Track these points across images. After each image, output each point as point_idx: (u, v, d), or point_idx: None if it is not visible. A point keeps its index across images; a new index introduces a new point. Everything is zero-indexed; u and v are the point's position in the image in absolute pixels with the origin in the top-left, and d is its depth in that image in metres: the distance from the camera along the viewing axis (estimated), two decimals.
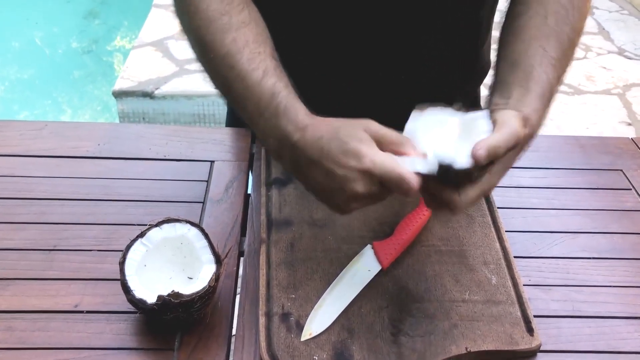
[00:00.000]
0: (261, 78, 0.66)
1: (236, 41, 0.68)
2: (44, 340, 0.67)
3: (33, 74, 3.74)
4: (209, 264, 0.70)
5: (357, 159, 0.60)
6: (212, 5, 0.70)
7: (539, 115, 0.69)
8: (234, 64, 0.68)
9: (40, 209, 0.84)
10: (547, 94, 0.71)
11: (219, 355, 0.67)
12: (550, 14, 0.75)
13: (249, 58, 0.67)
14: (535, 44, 0.73)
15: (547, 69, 0.71)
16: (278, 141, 0.65)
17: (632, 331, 0.72)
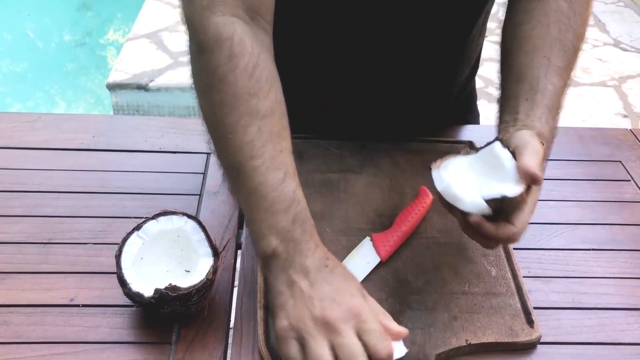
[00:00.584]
0: (282, 181, 0.62)
1: (261, 132, 0.63)
2: (39, 334, 0.66)
3: (25, 67, 3.71)
4: (206, 256, 0.69)
5: (352, 297, 0.58)
6: (240, 81, 0.63)
7: (550, 126, 0.69)
8: (255, 157, 0.62)
9: (35, 201, 0.83)
10: (555, 104, 0.71)
11: (217, 348, 0.66)
12: (552, 22, 0.74)
13: (271, 155, 0.63)
14: (540, 55, 0.73)
15: (552, 79, 0.71)
16: (283, 244, 0.61)
17: (632, 322, 0.72)
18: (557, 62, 0.72)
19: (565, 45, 0.74)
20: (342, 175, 0.87)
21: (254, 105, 0.63)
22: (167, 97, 2.64)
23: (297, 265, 0.60)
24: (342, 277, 0.61)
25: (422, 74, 0.90)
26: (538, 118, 0.69)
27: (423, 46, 0.86)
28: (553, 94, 0.71)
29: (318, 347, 0.56)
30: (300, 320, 0.57)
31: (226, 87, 0.63)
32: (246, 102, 0.63)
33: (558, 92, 0.71)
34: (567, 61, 0.74)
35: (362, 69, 0.87)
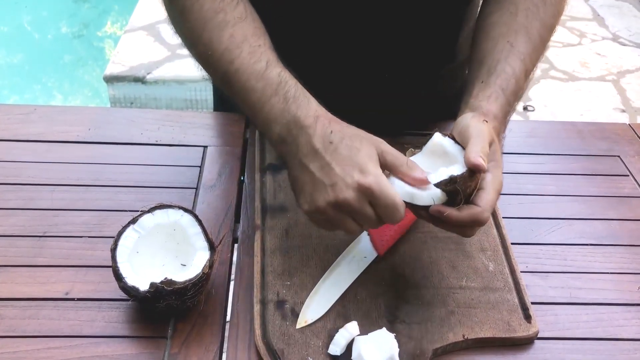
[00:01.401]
0: (265, 69, 0.66)
1: (234, 36, 0.68)
2: (34, 328, 0.66)
3: (22, 59, 3.69)
4: (202, 250, 0.69)
5: (361, 173, 0.59)
6: (205, 4, 0.69)
7: (500, 104, 0.68)
8: (233, 59, 0.67)
9: (29, 194, 0.82)
10: (511, 86, 0.70)
11: (213, 342, 0.66)
12: (521, 10, 0.75)
13: (249, 52, 0.67)
14: (503, 40, 0.73)
15: (513, 62, 0.71)
16: (284, 126, 0.64)
17: (629, 318, 0.72)
18: (520, 48, 0.72)
19: (531, 33, 0.74)
20: None
21: (222, 19, 0.68)
22: (164, 89, 2.63)
23: (304, 147, 0.62)
24: (348, 151, 0.61)
25: (414, 65, 0.90)
26: (487, 97, 0.68)
27: (414, 37, 0.86)
28: (510, 76, 0.70)
29: (342, 224, 0.62)
30: (319, 206, 0.61)
31: (194, 14, 0.69)
32: (214, 19, 0.68)
33: (517, 75, 0.71)
34: (532, 48, 0.73)
35: (355, 62, 0.87)
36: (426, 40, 0.87)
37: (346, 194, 0.59)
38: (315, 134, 0.62)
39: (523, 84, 0.72)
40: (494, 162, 0.65)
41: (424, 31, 0.86)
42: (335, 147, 0.61)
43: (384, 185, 0.59)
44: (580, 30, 3.31)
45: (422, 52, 0.88)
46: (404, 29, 0.84)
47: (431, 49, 0.89)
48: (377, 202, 0.59)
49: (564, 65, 3.01)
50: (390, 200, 0.59)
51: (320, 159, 0.61)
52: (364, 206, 0.60)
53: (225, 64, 0.68)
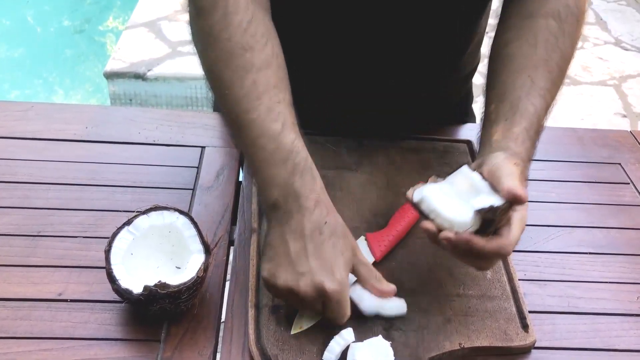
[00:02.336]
0: (280, 131, 0.63)
1: (256, 84, 0.64)
2: (26, 329, 0.65)
3: (23, 53, 3.67)
4: (197, 253, 0.68)
5: (330, 278, 0.61)
6: (234, 37, 0.65)
7: (526, 147, 0.68)
8: (251, 109, 0.64)
9: (24, 193, 0.82)
10: (535, 126, 0.70)
11: (207, 347, 0.65)
12: (540, 42, 0.73)
13: (268, 107, 0.64)
14: (524, 75, 0.72)
15: (534, 100, 0.70)
16: (283, 196, 0.63)
17: (627, 328, 0.71)
18: (540, 83, 0.71)
19: (551, 66, 0.73)
20: (338, 172, 0.86)
21: (248, 59, 0.64)
22: (165, 87, 2.62)
23: (294, 223, 0.62)
24: (331, 250, 0.62)
25: (421, 74, 0.89)
26: (514, 139, 0.68)
27: (423, 47, 0.86)
28: (533, 115, 0.70)
29: (288, 301, 0.65)
30: (277, 283, 0.62)
31: (221, 44, 0.65)
32: (240, 57, 0.64)
33: (539, 113, 0.70)
34: (552, 82, 0.72)
35: (361, 68, 0.86)
36: (434, 50, 0.86)
37: (307, 289, 0.61)
38: (309, 219, 0.61)
39: (544, 121, 0.72)
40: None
41: (433, 41, 0.85)
42: (322, 240, 0.62)
43: (343, 298, 0.61)
44: (582, 34, 3.30)
45: (429, 61, 0.88)
46: (413, 38, 0.84)
47: (438, 59, 0.88)
48: (330, 306, 0.62)
49: None
50: (342, 311, 0.62)
51: (302, 244, 0.61)
52: (315, 303, 0.62)
53: (241, 111, 0.64)
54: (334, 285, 0.60)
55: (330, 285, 0.60)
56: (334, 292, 0.60)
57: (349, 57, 0.85)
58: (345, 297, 0.62)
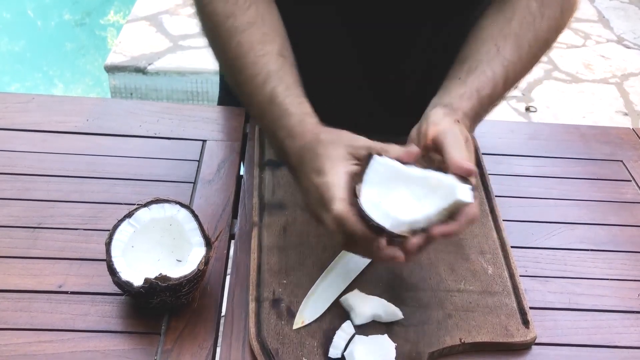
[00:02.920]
0: (262, 83, 0.67)
1: (241, 45, 0.69)
2: (26, 320, 0.65)
3: (24, 46, 3.67)
4: (198, 246, 0.68)
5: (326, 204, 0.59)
6: (217, 8, 0.70)
7: (471, 104, 0.67)
8: (240, 68, 0.69)
9: (25, 185, 0.82)
10: (488, 91, 0.69)
11: (207, 340, 0.65)
12: (516, 17, 0.73)
13: (253, 62, 0.68)
14: (491, 43, 0.71)
15: (495, 67, 0.70)
16: (276, 144, 0.68)
17: (627, 325, 0.71)
18: (505, 54, 0.71)
19: (521, 42, 0.72)
20: None
21: (230, 25, 0.69)
22: (166, 81, 2.61)
23: (289, 168, 0.67)
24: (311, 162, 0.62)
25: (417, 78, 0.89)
26: (459, 95, 0.67)
27: (420, 52, 0.85)
28: (489, 80, 0.69)
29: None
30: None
31: (208, 17, 0.71)
32: (224, 24, 0.70)
33: (496, 80, 0.69)
34: (518, 57, 0.71)
35: (357, 72, 0.86)
36: (434, 48, 0.86)
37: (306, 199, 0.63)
38: (291, 157, 0.65)
39: (501, 90, 0.71)
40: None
41: (432, 40, 0.85)
42: (305, 172, 0.62)
43: (347, 220, 0.58)
44: (584, 31, 3.29)
45: (428, 58, 0.87)
46: (414, 35, 0.83)
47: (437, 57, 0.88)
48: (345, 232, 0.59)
49: (567, 67, 3.00)
50: (328, 195, 0.59)
51: (297, 178, 0.65)
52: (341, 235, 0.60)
53: (235, 71, 0.70)
54: (318, 180, 0.60)
55: (316, 179, 0.60)
56: (320, 185, 0.59)
57: (351, 52, 0.84)
58: (329, 188, 0.58)
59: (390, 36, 0.83)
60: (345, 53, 0.85)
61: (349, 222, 0.57)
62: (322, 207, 0.60)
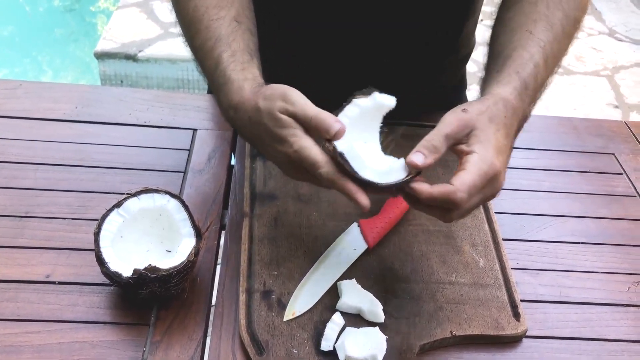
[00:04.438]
0: (211, 48, 0.67)
1: (197, 8, 0.69)
2: (12, 311, 0.64)
3: (12, 31, 3.61)
4: (188, 237, 0.67)
5: (285, 145, 0.60)
6: None
7: (514, 88, 0.64)
8: (195, 33, 0.69)
9: (12, 172, 0.80)
10: (530, 70, 0.66)
11: (197, 331, 0.64)
12: (541, 1, 0.71)
13: (206, 26, 0.68)
14: (522, 30, 0.69)
15: (531, 49, 0.67)
16: (225, 115, 0.67)
17: (617, 318, 0.71)
18: (539, 35, 0.68)
19: (552, 22, 0.70)
20: None
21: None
22: (156, 68, 2.59)
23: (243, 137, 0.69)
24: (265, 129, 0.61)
25: (415, 54, 0.88)
26: (496, 82, 0.65)
27: (417, 25, 0.84)
28: (527, 60, 0.66)
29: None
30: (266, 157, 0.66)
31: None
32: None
33: (536, 60, 0.66)
34: (553, 37, 0.69)
35: (354, 46, 0.85)
36: (429, 30, 0.85)
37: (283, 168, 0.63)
38: (242, 127, 0.64)
39: (544, 70, 0.67)
40: (479, 144, 0.59)
41: (427, 20, 0.84)
42: (255, 131, 0.62)
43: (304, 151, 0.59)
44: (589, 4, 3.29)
45: (423, 41, 0.86)
46: (407, 16, 0.82)
47: (433, 39, 0.87)
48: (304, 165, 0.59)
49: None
50: (310, 161, 0.58)
51: (257, 145, 0.64)
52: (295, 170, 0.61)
53: (190, 38, 0.70)
54: (288, 149, 0.59)
55: (286, 149, 0.59)
56: (292, 154, 0.59)
57: (342, 35, 0.83)
58: (306, 154, 0.58)
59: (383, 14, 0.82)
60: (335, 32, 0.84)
61: (339, 182, 0.58)
62: (303, 171, 0.60)
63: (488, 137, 0.60)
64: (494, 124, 0.61)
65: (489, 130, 0.60)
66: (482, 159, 0.58)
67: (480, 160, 0.58)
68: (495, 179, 0.59)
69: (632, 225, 0.84)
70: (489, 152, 0.59)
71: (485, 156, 0.59)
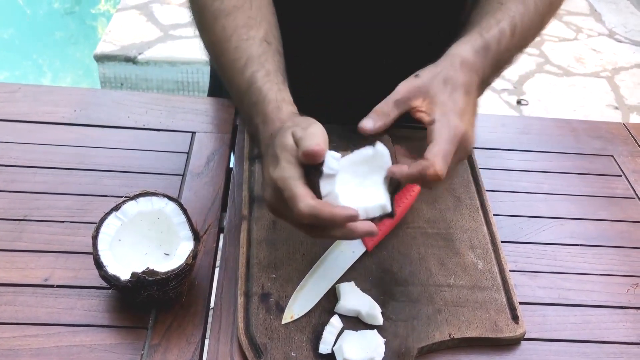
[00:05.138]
0: (242, 67, 0.67)
1: (225, 29, 0.69)
2: (10, 315, 0.64)
3: (13, 34, 3.62)
4: (186, 240, 0.67)
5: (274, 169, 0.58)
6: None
7: (475, 50, 0.63)
8: (223, 52, 0.69)
9: (11, 176, 0.80)
10: (494, 33, 0.65)
11: (195, 335, 0.64)
12: None
13: (235, 46, 0.68)
14: (492, 2, 0.69)
15: (499, 16, 0.67)
16: (252, 130, 0.67)
17: (616, 321, 0.71)
18: (509, 6, 0.68)
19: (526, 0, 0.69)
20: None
21: (217, 7, 0.70)
22: (156, 70, 2.59)
23: (259, 151, 0.66)
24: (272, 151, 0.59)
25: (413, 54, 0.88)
26: (456, 44, 0.64)
27: (415, 26, 0.84)
28: (492, 25, 0.65)
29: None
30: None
31: (196, 1, 0.73)
32: (210, 6, 0.70)
33: (502, 26, 0.65)
34: (524, 10, 0.68)
35: (349, 60, 0.85)
36: (431, 30, 0.85)
37: (265, 190, 0.60)
38: (263, 137, 0.64)
39: (509, 37, 0.66)
40: (438, 111, 0.60)
41: (430, 20, 0.84)
42: (272, 151, 0.60)
43: (287, 185, 0.56)
44: (576, 25, 3.29)
45: (426, 41, 0.86)
46: (410, 16, 0.83)
47: (436, 40, 0.87)
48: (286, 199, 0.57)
49: (559, 60, 3.00)
50: (293, 200, 0.56)
51: (264, 160, 0.62)
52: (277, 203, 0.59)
53: (217, 55, 0.70)
54: (274, 173, 0.57)
55: (272, 174, 0.57)
56: (275, 179, 0.57)
57: (344, 36, 0.83)
58: (288, 184, 0.56)
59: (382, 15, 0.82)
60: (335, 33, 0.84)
61: (323, 211, 0.55)
62: (282, 203, 0.58)
63: (444, 101, 0.61)
64: (449, 85, 0.62)
65: (445, 93, 0.61)
66: (444, 125, 0.60)
67: (443, 127, 0.59)
68: (464, 140, 0.60)
69: (631, 227, 0.84)
70: (450, 117, 0.60)
71: (448, 122, 0.60)
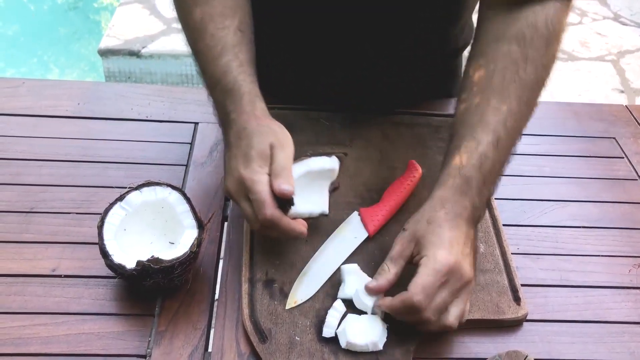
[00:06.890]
0: (218, 55, 0.70)
1: (202, 16, 0.72)
2: (20, 304, 0.66)
3: (17, 31, 3.63)
4: (190, 229, 0.68)
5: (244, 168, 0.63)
6: None
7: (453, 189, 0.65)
8: (199, 38, 0.72)
9: (17, 169, 0.81)
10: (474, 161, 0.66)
11: (201, 321, 0.65)
12: (498, 70, 0.69)
13: (211, 34, 0.71)
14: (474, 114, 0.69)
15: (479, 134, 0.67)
16: (222, 115, 0.70)
17: (618, 301, 0.72)
18: (489, 119, 0.67)
19: (504, 96, 0.68)
20: (331, 148, 0.85)
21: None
22: (160, 64, 2.59)
23: (226, 137, 0.69)
24: (245, 149, 0.65)
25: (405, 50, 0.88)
26: (437, 183, 0.67)
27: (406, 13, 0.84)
28: (472, 151, 0.66)
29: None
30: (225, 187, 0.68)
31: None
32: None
33: (480, 150, 0.66)
34: (507, 114, 0.68)
35: (345, 34, 0.85)
36: (404, 15, 0.85)
37: (231, 185, 0.65)
38: (233, 129, 0.67)
39: (493, 150, 0.67)
40: (425, 248, 0.63)
41: (421, 10, 0.84)
42: (241, 143, 0.65)
43: (255, 185, 0.62)
44: (581, 9, 3.27)
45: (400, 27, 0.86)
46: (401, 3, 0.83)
47: (423, 28, 0.87)
48: (249, 195, 0.63)
49: (564, 45, 2.98)
50: (258, 196, 0.62)
51: (231, 152, 0.66)
52: (240, 200, 0.65)
53: (193, 41, 0.73)
54: (245, 172, 0.63)
55: (243, 172, 0.63)
56: (245, 178, 0.63)
57: (322, 21, 0.83)
58: (256, 185, 0.62)
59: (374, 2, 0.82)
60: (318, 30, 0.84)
61: (283, 222, 0.63)
62: (243, 196, 0.64)
63: (431, 239, 0.63)
64: (432, 224, 0.64)
65: (429, 231, 0.64)
66: (430, 258, 0.62)
67: (428, 260, 0.61)
68: (455, 270, 0.61)
69: (633, 208, 0.84)
70: (437, 251, 0.62)
71: (434, 255, 0.62)
